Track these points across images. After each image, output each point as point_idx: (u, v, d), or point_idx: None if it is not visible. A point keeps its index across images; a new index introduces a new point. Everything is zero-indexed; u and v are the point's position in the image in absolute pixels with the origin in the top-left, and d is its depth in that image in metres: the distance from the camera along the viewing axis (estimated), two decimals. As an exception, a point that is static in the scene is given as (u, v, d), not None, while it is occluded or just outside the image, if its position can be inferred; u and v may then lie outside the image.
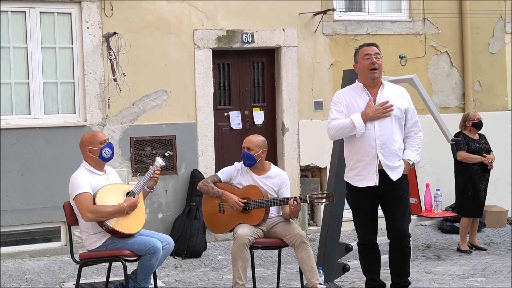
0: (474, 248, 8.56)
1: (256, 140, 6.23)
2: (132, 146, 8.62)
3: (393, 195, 5.62)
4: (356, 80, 5.76)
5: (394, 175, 5.55)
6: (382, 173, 5.54)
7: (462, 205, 8.48)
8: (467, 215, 8.46)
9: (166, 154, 8.65)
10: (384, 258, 5.94)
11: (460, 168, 8.47)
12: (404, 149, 5.65)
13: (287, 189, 6.27)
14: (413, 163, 5.68)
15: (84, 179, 5.57)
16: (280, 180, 6.24)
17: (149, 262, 5.57)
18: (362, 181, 5.58)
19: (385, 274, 6.04)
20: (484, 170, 8.45)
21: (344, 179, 5.78)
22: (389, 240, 5.77)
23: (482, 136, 8.67)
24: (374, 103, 5.56)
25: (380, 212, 5.79)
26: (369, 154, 5.52)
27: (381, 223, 5.78)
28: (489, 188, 8.59)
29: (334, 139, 5.81)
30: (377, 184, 5.52)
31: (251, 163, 6.18)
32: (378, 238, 5.89)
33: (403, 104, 5.64)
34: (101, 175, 5.72)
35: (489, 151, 8.55)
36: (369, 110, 5.51)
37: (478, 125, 8.55)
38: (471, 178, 8.40)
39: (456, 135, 8.43)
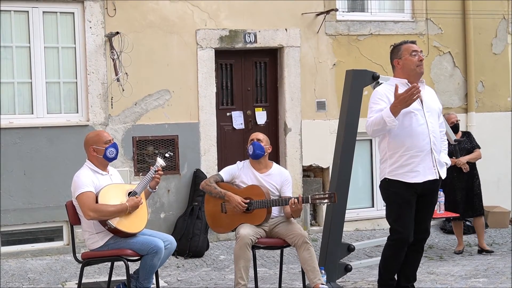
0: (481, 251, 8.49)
1: (264, 135, 6.34)
2: (134, 146, 8.62)
3: (431, 196, 5.59)
4: (391, 78, 5.66)
5: (443, 173, 5.52)
6: None
7: (446, 206, 8.45)
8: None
9: (167, 155, 8.65)
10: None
11: None
12: None
13: (289, 187, 6.27)
14: (448, 166, 5.65)
15: (87, 178, 5.57)
16: (282, 178, 6.25)
17: (151, 262, 5.56)
18: (417, 177, 5.39)
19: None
20: (461, 172, 8.37)
21: (389, 177, 5.46)
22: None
23: (467, 135, 8.58)
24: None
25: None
26: (424, 149, 5.39)
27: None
28: (491, 188, 8.56)
29: (375, 136, 5.62)
30: (437, 178, 5.42)
31: (260, 153, 6.18)
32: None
33: (439, 103, 5.67)
34: (104, 175, 5.72)
35: (470, 151, 8.46)
36: (396, 100, 5.26)
37: (451, 128, 8.42)
38: (449, 180, 8.34)
39: None
